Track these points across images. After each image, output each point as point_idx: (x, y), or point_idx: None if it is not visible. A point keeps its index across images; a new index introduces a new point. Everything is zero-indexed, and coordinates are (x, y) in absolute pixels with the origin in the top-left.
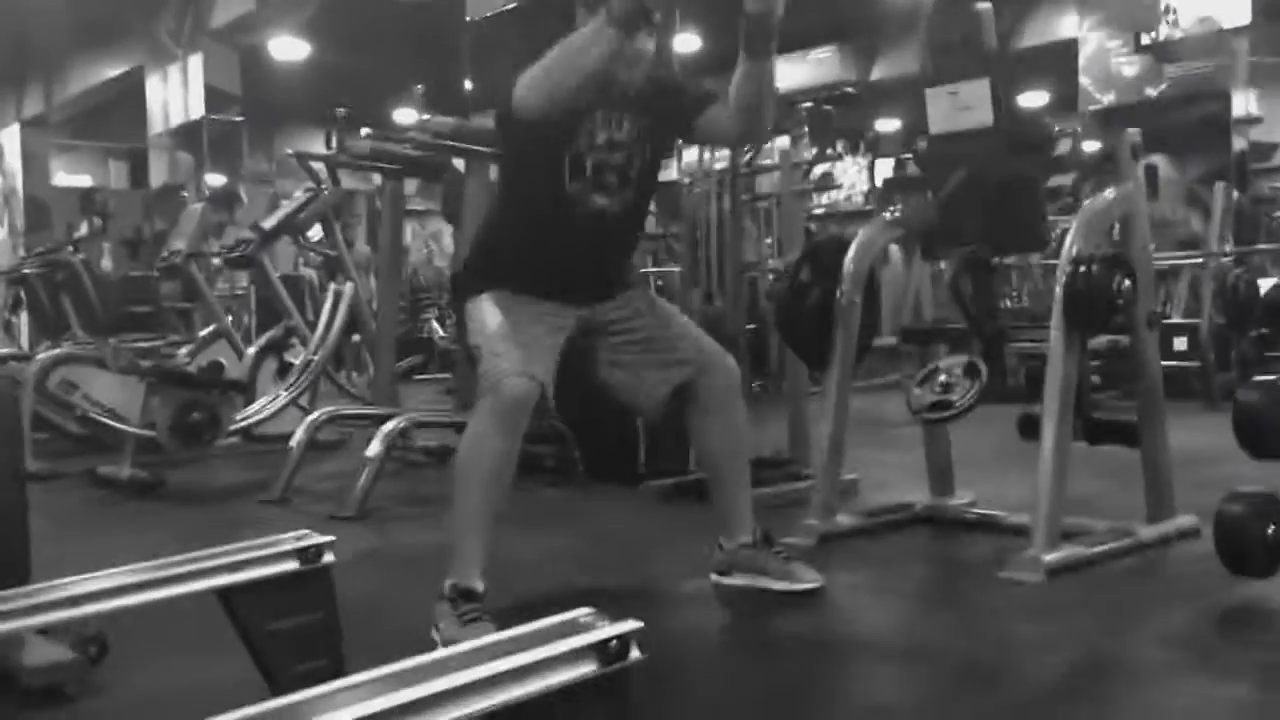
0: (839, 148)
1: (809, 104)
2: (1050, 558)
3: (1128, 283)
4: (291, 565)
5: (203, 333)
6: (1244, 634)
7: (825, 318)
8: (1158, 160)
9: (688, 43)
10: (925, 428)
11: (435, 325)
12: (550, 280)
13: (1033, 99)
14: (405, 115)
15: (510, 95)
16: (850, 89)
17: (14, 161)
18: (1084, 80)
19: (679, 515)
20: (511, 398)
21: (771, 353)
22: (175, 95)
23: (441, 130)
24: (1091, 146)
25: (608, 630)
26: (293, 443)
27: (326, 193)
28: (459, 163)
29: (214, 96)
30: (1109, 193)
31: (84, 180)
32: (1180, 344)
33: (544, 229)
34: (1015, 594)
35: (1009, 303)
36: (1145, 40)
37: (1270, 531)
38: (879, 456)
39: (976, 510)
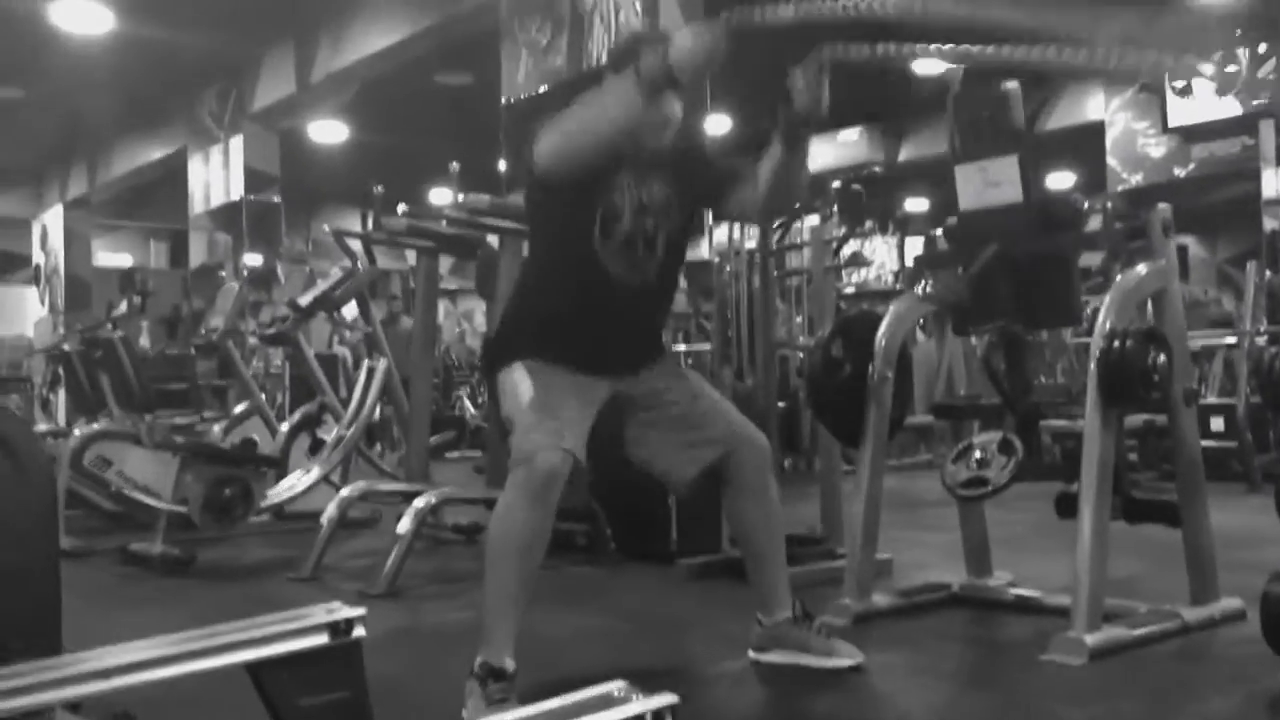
0: (868, 226)
1: (838, 183)
2: (1092, 640)
3: (1163, 358)
4: (321, 639)
5: (237, 410)
6: None
7: (857, 394)
8: (1188, 241)
9: (719, 123)
10: (960, 506)
11: (467, 402)
12: (582, 350)
13: (1061, 180)
14: (441, 195)
15: (533, 155)
16: (878, 169)
17: (57, 241)
18: (1111, 161)
19: (712, 593)
20: (544, 472)
21: (804, 430)
22: (216, 176)
23: (477, 207)
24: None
25: (643, 704)
26: (323, 519)
27: (362, 270)
28: (493, 239)
29: (253, 178)
30: (1141, 268)
31: (125, 260)
32: (1217, 424)
33: (575, 296)
34: (1057, 677)
35: (1043, 379)
36: (1170, 121)
37: None
38: (914, 536)
39: (1015, 591)
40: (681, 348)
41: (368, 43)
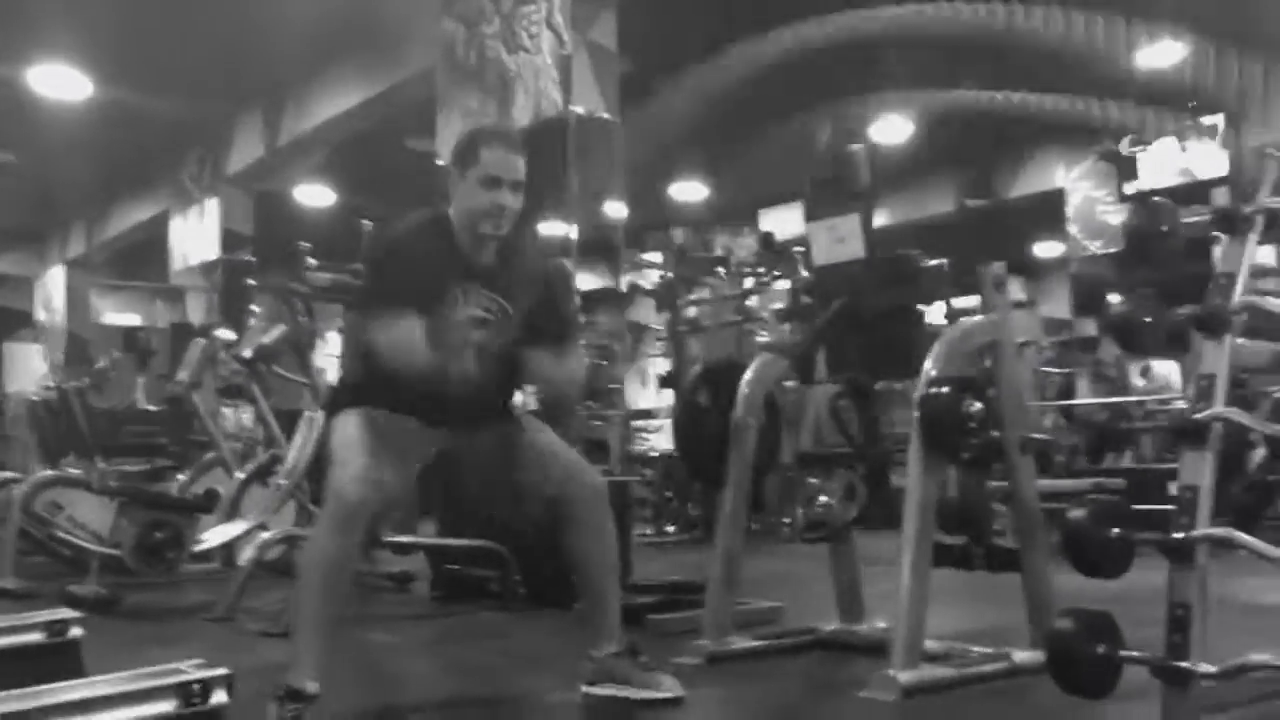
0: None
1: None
2: (907, 678)
3: (978, 406)
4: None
5: (203, 460)
6: None
7: (721, 440)
8: None
9: (695, 191)
10: (831, 553)
11: None
12: (415, 402)
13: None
14: None
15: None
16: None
17: (59, 299)
18: (1073, 229)
19: None
20: (348, 503)
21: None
22: (195, 236)
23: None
24: None
25: (201, 674)
26: (241, 561)
27: (301, 324)
28: None
29: (229, 237)
30: (969, 320)
31: (132, 319)
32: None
33: (411, 380)
34: (862, 711)
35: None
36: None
37: (1100, 650)
38: (821, 585)
39: (880, 635)
40: None
41: (325, 108)
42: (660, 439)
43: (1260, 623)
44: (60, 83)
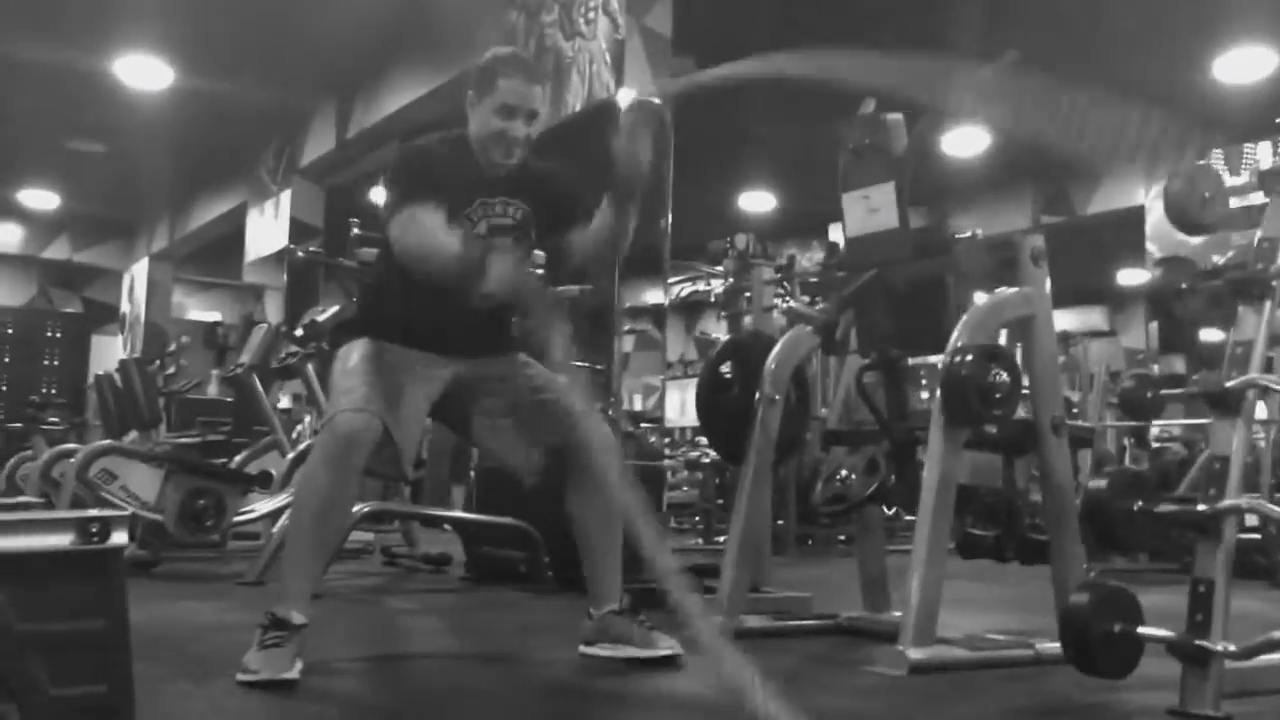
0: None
1: None
2: (917, 655)
3: (1004, 377)
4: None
5: (260, 443)
6: None
7: (744, 414)
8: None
9: (763, 201)
10: (858, 540)
11: None
12: (424, 332)
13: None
14: None
15: (388, 220)
16: None
17: (141, 292)
18: (1151, 247)
19: None
20: (344, 434)
21: None
22: (269, 229)
23: None
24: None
25: (96, 513)
26: (274, 529)
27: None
28: None
29: (299, 228)
30: (1003, 292)
31: (215, 316)
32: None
33: (422, 296)
34: (864, 683)
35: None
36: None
37: (1118, 626)
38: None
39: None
40: None
41: (393, 100)
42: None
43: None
44: (144, 72)
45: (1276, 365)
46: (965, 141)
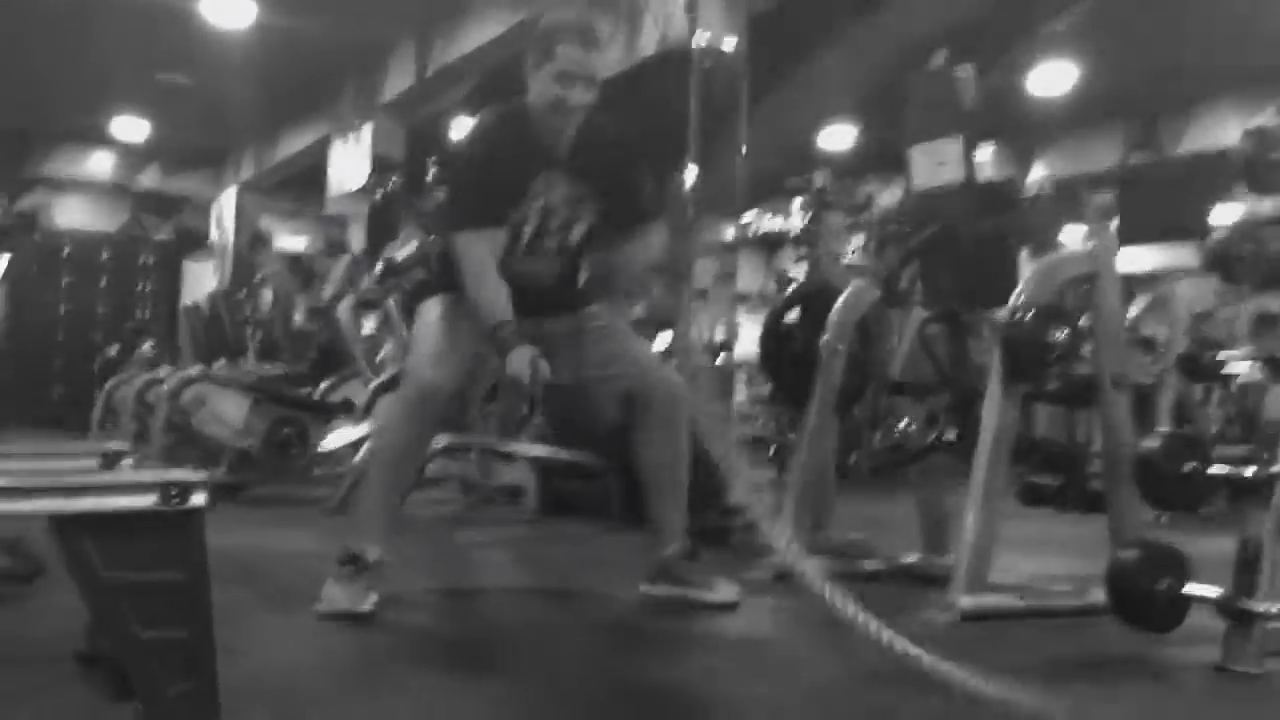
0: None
1: None
2: (968, 602)
3: (1064, 334)
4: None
5: (344, 371)
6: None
7: (808, 362)
8: None
9: (843, 136)
10: (917, 486)
11: None
12: None
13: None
14: None
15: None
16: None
17: (229, 221)
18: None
19: None
20: (418, 389)
21: None
22: (351, 163)
23: None
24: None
25: (174, 475)
26: (356, 459)
27: (432, 240)
28: None
29: (381, 163)
30: (1068, 249)
31: (300, 243)
32: None
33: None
34: (914, 629)
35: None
36: None
37: (1165, 584)
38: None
39: None
40: None
41: (472, 36)
42: None
43: None
44: (229, 9)
45: None
46: (1052, 78)
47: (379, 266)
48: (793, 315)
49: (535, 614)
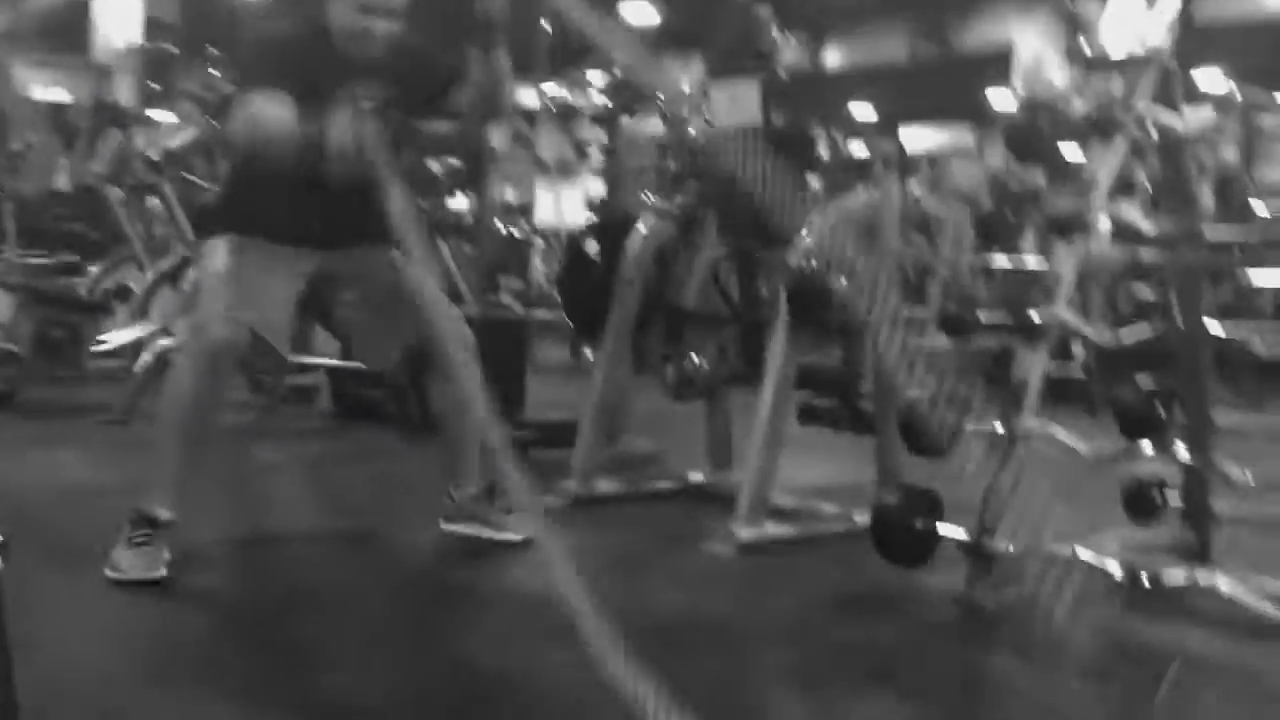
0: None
1: None
2: (747, 534)
3: (845, 282)
4: None
5: (116, 255)
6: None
7: (603, 293)
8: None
9: (641, 13)
10: (706, 406)
11: None
12: (284, 225)
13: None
14: None
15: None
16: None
17: None
18: (1018, 84)
19: None
20: (210, 342)
21: None
22: (119, 16)
23: None
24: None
25: None
26: (137, 367)
27: (212, 127)
28: None
29: (152, 26)
30: (853, 197)
31: (60, 94)
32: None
33: (279, 186)
34: (697, 564)
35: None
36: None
37: (919, 524)
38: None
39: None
40: None
41: None
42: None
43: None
44: None
45: None
46: None
47: (154, 154)
48: (591, 246)
49: (333, 570)
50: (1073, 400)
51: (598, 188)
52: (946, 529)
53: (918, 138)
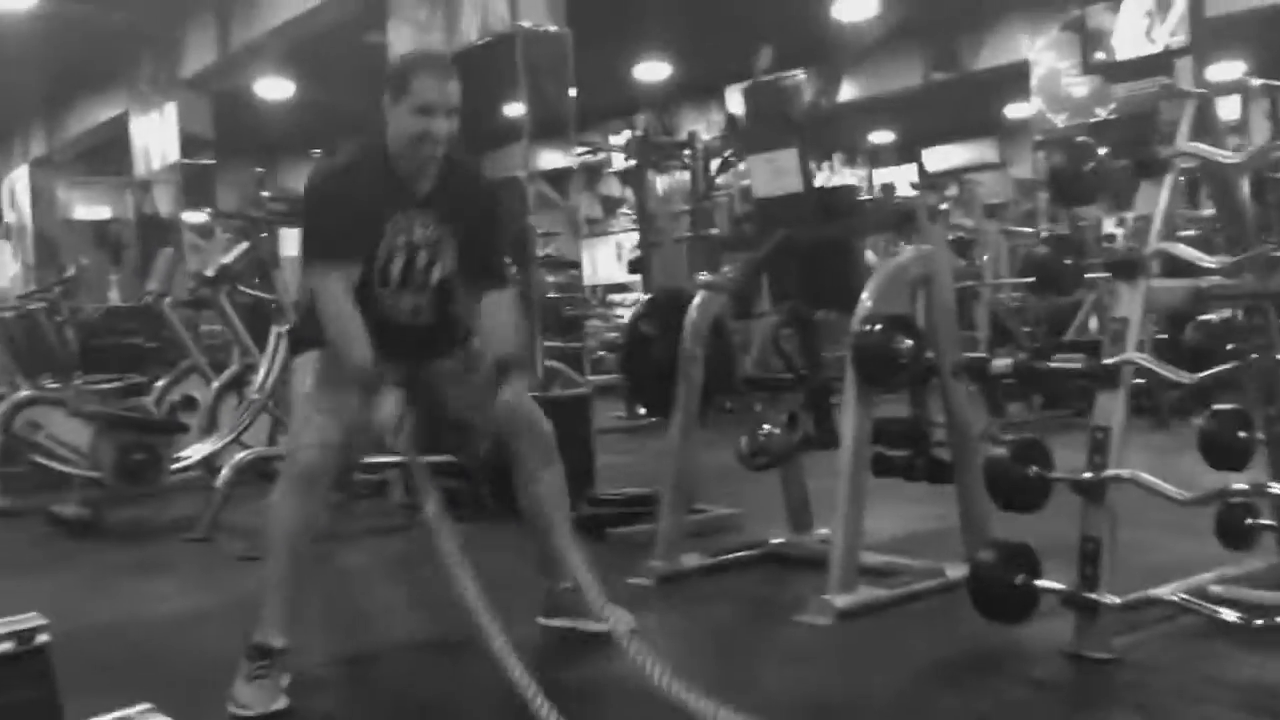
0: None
1: None
2: (843, 602)
3: (909, 343)
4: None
5: (180, 367)
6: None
7: (669, 368)
8: None
9: (657, 71)
10: (781, 469)
11: None
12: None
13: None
14: None
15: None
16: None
17: (24, 198)
18: (1037, 101)
19: None
20: (306, 466)
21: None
22: (157, 139)
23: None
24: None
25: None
26: (217, 483)
27: (263, 241)
28: None
29: (189, 141)
30: (905, 253)
31: (103, 212)
32: None
33: (362, 316)
34: (795, 637)
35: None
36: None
37: (1019, 580)
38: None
39: (827, 547)
40: None
41: (279, 10)
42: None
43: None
44: None
45: None
46: (853, 4)
47: (210, 271)
48: (649, 324)
49: (444, 676)
50: (1142, 413)
51: (630, 242)
52: (1045, 582)
53: (941, 156)
